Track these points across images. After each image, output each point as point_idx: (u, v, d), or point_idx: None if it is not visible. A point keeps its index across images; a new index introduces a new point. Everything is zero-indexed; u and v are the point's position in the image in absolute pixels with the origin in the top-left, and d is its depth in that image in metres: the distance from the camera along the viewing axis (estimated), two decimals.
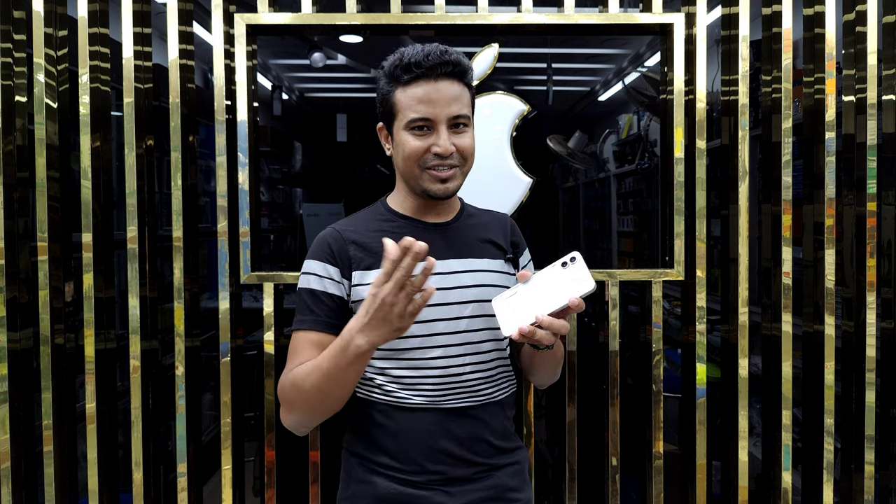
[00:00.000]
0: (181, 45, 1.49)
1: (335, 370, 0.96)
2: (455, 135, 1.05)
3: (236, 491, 1.56)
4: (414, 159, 1.05)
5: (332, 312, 1.07)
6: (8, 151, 1.47)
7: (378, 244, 1.08)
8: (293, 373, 1.03)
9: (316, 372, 0.98)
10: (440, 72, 1.02)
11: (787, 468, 1.56)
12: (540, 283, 0.95)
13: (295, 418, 1.06)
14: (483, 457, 1.09)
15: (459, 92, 1.05)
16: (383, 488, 1.07)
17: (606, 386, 1.57)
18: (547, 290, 0.94)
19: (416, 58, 1.02)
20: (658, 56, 1.60)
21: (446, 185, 1.07)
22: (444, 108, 1.03)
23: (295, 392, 1.02)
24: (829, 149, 1.53)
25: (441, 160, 1.05)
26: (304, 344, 1.06)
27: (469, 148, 1.07)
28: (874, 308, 1.55)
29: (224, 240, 1.49)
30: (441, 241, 1.12)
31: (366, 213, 1.18)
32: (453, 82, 1.04)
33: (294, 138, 1.65)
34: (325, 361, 0.97)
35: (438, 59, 1.01)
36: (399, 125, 1.06)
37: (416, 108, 1.03)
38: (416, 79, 1.02)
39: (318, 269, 1.09)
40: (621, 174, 1.73)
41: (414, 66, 1.02)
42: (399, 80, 1.04)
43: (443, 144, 1.03)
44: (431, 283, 1.06)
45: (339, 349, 0.94)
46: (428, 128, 1.04)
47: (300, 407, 1.04)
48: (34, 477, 1.53)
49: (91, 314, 1.49)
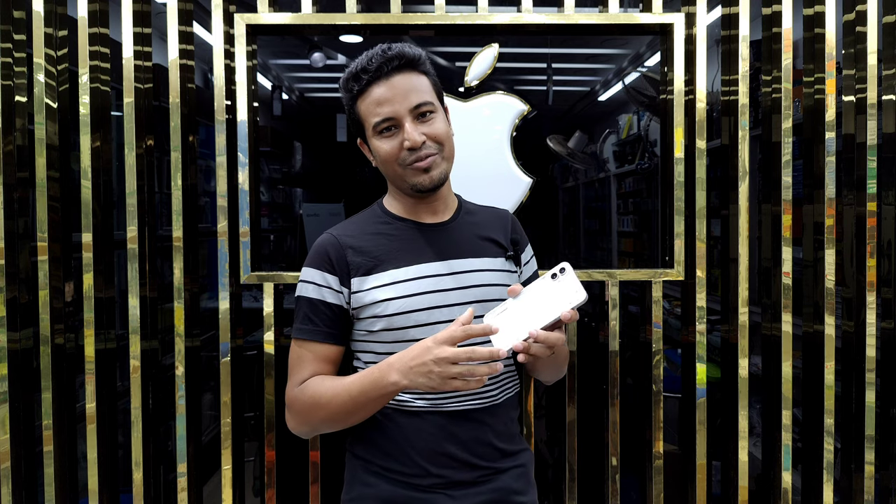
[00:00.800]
0: (181, 45, 1.49)
1: (365, 399, 0.99)
2: (422, 124, 1.05)
3: (236, 491, 1.56)
4: (391, 161, 1.06)
5: (330, 322, 1.08)
6: (8, 151, 1.47)
7: (376, 247, 1.08)
8: (313, 389, 1.04)
9: (343, 395, 1.00)
10: (387, 69, 1.03)
11: (787, 468, 1.56)
12: (531, 297, 0.94)
13: (307, 429, 1.09)
14: (486, 460, 1.09)
15: (415, 82, 1.05)
16: (386, 491, 1.07)
17: (606, 386, 1.57)
18: (538, 303, 0.93)
19: (361, 64, 1.04)
20: (658, 56, 1.60)
21: (430, 175, 1.07)
22: (401, 102, 1.03)
23: (316, 409, 1.04)
24: (829, 149, 1.53)
25: (415, 153, 1.05)
26: (306, 355, 1.08)
27: (441, 132, 1.07)
28: (874, 308, 1.55)
29: (224, 240, 1.49)
30: (441, 240, 1.12)
31: (363, 216, 1.18)
32: (405, 74, 1.04)
33: (294, 138, 1.65)
34: (356, 388, 0.99)
35: (381, 57, 1.03)
36: (369, 133, 1.08)
37: (377, 112, 1.04)
38: (368, 84, 1.04)
39: (317, 277, 1.09)
40: (621, 174, 1.73)
41: (361, 72, 1.04)
42: (354, 91, 1.06)
43: (410, 137, 1.03)
44: (431, 284, 1.06)
45: (374, 381, 0.97)
46: (395, 126, 1.05)
47: (319, 422, 1.06)
48: (34, 477, 1.53)
49: (91, 314, 1.49)
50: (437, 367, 0.89)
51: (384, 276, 1.07)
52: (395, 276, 1.07)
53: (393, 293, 1.06)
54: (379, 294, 1.06)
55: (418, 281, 1.06)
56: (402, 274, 1.07)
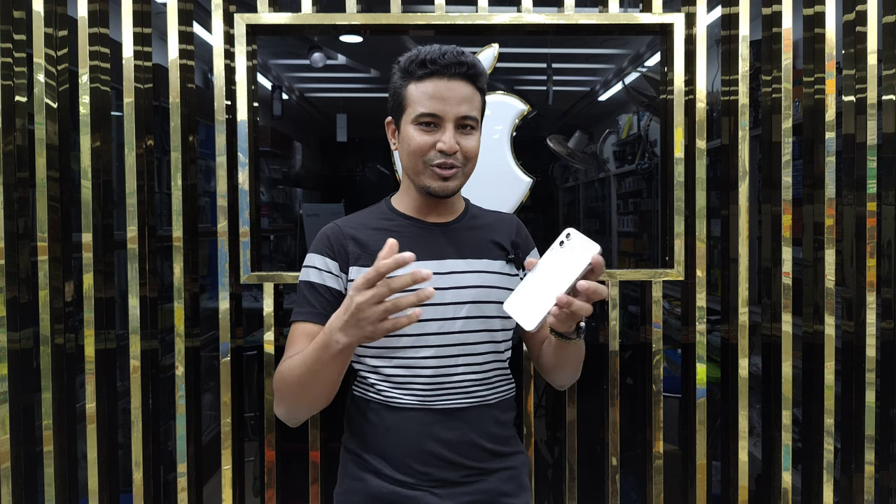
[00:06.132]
0: (181, 45, 1.49)
1: (317, 365, 0.95)
2: (461, 135, 1.05)
3: (236, 491, 1.56)
4: (419, 154, 1.05)
5: (328, 305, 1.07)
6: (8, 151, 1.47)
7: (376, 242, 1.08)
8: (283, 364, 1.04)
9: (300, 366, 0.98)
10: (454, 71, 1.02)
11: (787, 468, 1.56)
12: (546, 268, 0.91)
13: (282, 409, 1.06)
14: (473, 460, 1.08)
15: (471, 94, 1.05)
16: (375, 486, 1.08)
17: (606, 386, 1.57)
18: (555, 270, 0.89)
19: (433, 55, 1.02)
20: (658, 56, 1.60)
21: (447, 184, 1.07)
22: (453, 106, 1.03)
23: (282, 383, 1.02)
24: (829, 149, 1.53)
25: (445, 157, 1.05)
26: (300, 335, 1.07)
27: (473, 150, 1.07)
28: (874, 308, 1.55)
29: (224, 240, 1.49)
30: (441, 240, 1.12)
31: (369, 211, 1.19)
32: (466, 84, 1.04)
33: (294, 138, 1.65)
34: (310, 356, 0.96)
35: (454, 58, 1.02)
36: (407, 119, 1.06)
37: (426, 104, 1.03)
38: (430, 75, 1.03)
39: (318, 262, 1.10)
40: (621, 174, 1.73)
41: (429, 62, 1.02)
42: (413, 75, 1.04)
43: (448, 142, 1.03)
44: (424, 283, 1.05)
45: (322, 344, 0.93)
46: (435, 125, 1.04)
47: (286, 398, 1.04)
48: (34, 477, 1.53)
49: (91, 314, 1.49)
50: (362, 313, 0.85)
51: None
52: (390, 274, 1.06)
53: None
54: None
55: None
56: (397, 272, 1.06)
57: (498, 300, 1.09)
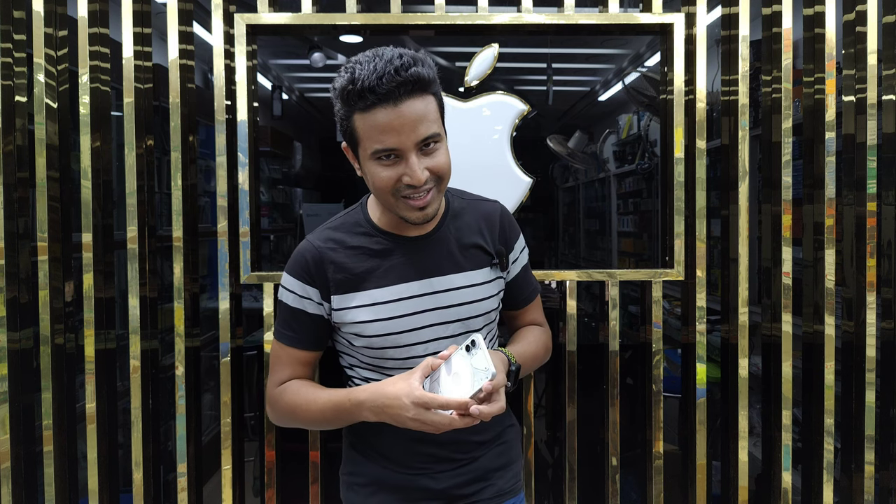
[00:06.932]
0: (181, 45, 1.49)
1: (336, 421, 1.05)
2: (426, 156, 0.95)
3: (236, 491, 1.56)
4: (386, 190, 0.97)
5: (309, 330, 1.09)
6: (8, 151, 1.47)
7: (356, 265, 1.06)
8: (290, 397, 1.08)
9: (316, 412, 1.05)
10: (398, 94, 0.90)
11: (786, 468, 1.56)
12: (454, 367, 0.94)
13: (283, 425, 1.16)
14: (466, 453, 1.13)
15: (423, 109, 0.93)
16: (377, 470, 1.14)
17: (606, 386, 1.57)
18: (460, 375, 0.93)
19: (370, 82, 0.89)
20: (658, 56, 1.60)
21: (425, 212, 0.99)
22: (409, 134, 0.92)
23: (292, 416, 1.09)
24: (829, 149, 1.53)
25: (414, 189, 0.96)
26: (287, 358, 1.11)
27: (443, 165, 0.97)
28: (874, 308, 1.55)
29: (224, 240, 1.49)
30: (421, 257, 1.08)
31: (345, 220, 1.12)
32: (415, 99, 0.92)
33: (294, 138, 1.65)
34: (329, 411, 1.03)
35: (393, 79, 0.89)
36: (364, 153, 0.96)
37: (380, 139, 0.92)
38: (373, 105, 0.91)
39: (297, 287, 1.07)
40: (621, 174, 1.73)
41: (368, 91, 0.89)
42: (355, 107, 0.93)
43: (414, 175, 0.94)
44: (410, 305, 1.06)
45: (346, 411, 1.01)
46: (396, 155, 0.94)
47: (284, 422, 1.13)
48: (34, 477, 1.53)
49: (91, 314, 1.49)
50: (412, 421, 0.92)
51: (364, 297, 1.05)
52: (375, 297, 1.05)
53: (372, 315, 1.04)
54: (358, 315, 1.05)
55: (398, 303, 1.05)
56: (381, 295, 1.05)
57: (485, 311, 1.11)
